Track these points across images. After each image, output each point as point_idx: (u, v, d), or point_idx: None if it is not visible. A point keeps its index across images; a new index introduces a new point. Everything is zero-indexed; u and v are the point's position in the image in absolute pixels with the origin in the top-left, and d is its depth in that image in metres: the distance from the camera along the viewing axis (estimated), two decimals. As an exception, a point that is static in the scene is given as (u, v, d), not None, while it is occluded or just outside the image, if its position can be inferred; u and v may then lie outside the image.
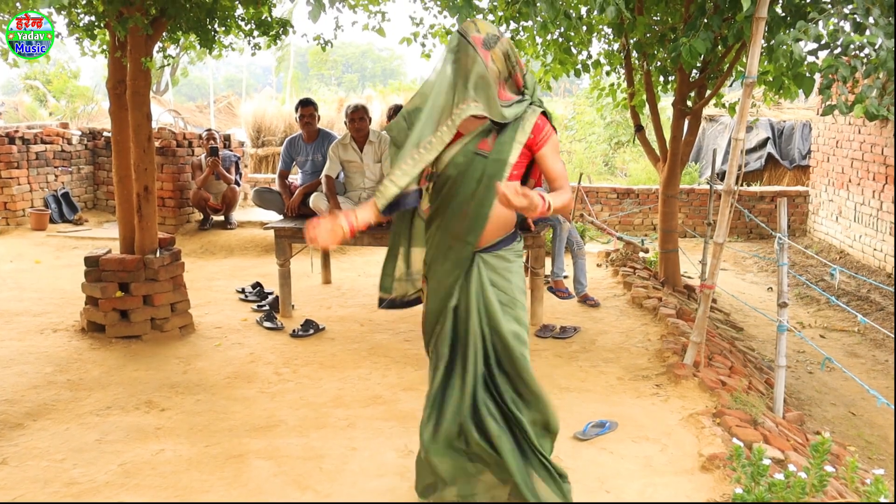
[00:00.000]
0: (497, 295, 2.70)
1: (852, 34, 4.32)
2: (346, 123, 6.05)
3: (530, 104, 2.66)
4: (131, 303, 5.09)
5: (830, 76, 4.33)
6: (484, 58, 2.54)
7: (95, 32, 5.45)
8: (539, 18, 3.87)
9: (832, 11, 4.42)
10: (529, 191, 2.33)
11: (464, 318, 2.70)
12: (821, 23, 4.36)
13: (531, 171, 2.82)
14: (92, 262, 5.11)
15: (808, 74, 4.58)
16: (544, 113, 2.68)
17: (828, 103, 4.44)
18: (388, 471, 3.30)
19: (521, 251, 2.82)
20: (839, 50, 4.35)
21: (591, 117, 19.40)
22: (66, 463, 3.38)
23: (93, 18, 5.25)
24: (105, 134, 10.26)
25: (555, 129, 2.71)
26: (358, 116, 5.98)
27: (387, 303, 3.01)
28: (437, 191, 2.72)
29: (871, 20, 4.33)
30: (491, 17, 6.49)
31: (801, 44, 4.34)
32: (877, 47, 4.21)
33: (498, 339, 2.68)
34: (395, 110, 6.64)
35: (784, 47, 4.24)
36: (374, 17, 6.18)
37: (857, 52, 4.32)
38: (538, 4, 3.65)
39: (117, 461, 3.39)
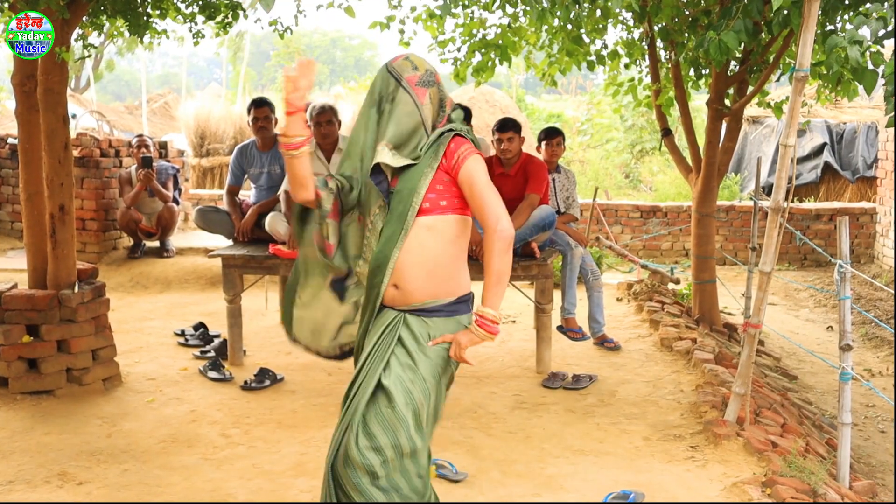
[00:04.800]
0: (399, 354, 2.86)
1: None
2: (310, 128, 6.07)
3: (448, 130, 2.91)
4: (42, 350, 5.05)
5: None
6: (419, 97, 2.87)
7: (-2, 16, 5.47)
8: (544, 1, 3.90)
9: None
10: (469, 340, 2.80)
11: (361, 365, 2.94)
12: (885, 4, 4.41)
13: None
14: (-7, 300, 5.08)
15: (870, 66, 4.61)
16: (461, 136, 2.93)
17: (891, 114, 4.45)
18: (360, 557, 3.27)
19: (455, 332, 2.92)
20: None
21: (610, 119, 19.52)
22: (-42, 551, 3.33)
23: (-5, -2, 5.27)
24: (10, 141, 10.23)
25: (478, 149, 2.94)
26: (325, 119, 6.00)
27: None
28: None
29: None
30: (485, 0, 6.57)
31: (864, 30, 4.39)
32: None
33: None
34: None
35: (839, 49, 4.28)
36: (341, -6, 6.22)
37: None
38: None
39: (23, 548, 3.35)
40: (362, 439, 2.77)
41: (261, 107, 6.52)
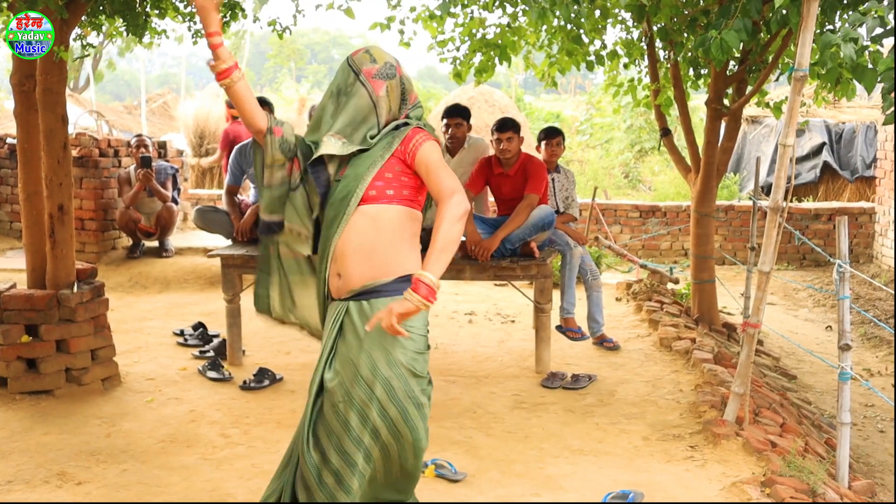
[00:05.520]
0: (341, 349, 2.84)
1: None
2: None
3: (405, 124, 2.91)
4: (41, 349, 5.05)
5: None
6: (376, 89, 2.85)
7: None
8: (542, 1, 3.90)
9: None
10: (399, 305, 2.61)
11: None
12: (885, 2, 4.40)
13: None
14: (-8, 300, 5.08)
15: (870, 65, 4.60)
16: (419, 127, 2.91)
17: (890, 111, 4.43)
18: (360, 557, 3.26)
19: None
20: None
21: (609, 118, 19.54)
22: (-43, 551, 3.33)
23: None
24: (9, 140, 10.22)
25: (437, 141, 2.90)
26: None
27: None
28: None
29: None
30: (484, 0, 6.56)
31: (862, 29, 4.38)
32: None
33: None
34: None
35: (834, 47, 4.27)
36: (341, -5, 6.22)
37: None
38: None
39: (21, 548, 3.34)
40: (311, 441, 2.81)
41: (260, 106, 6.50)
